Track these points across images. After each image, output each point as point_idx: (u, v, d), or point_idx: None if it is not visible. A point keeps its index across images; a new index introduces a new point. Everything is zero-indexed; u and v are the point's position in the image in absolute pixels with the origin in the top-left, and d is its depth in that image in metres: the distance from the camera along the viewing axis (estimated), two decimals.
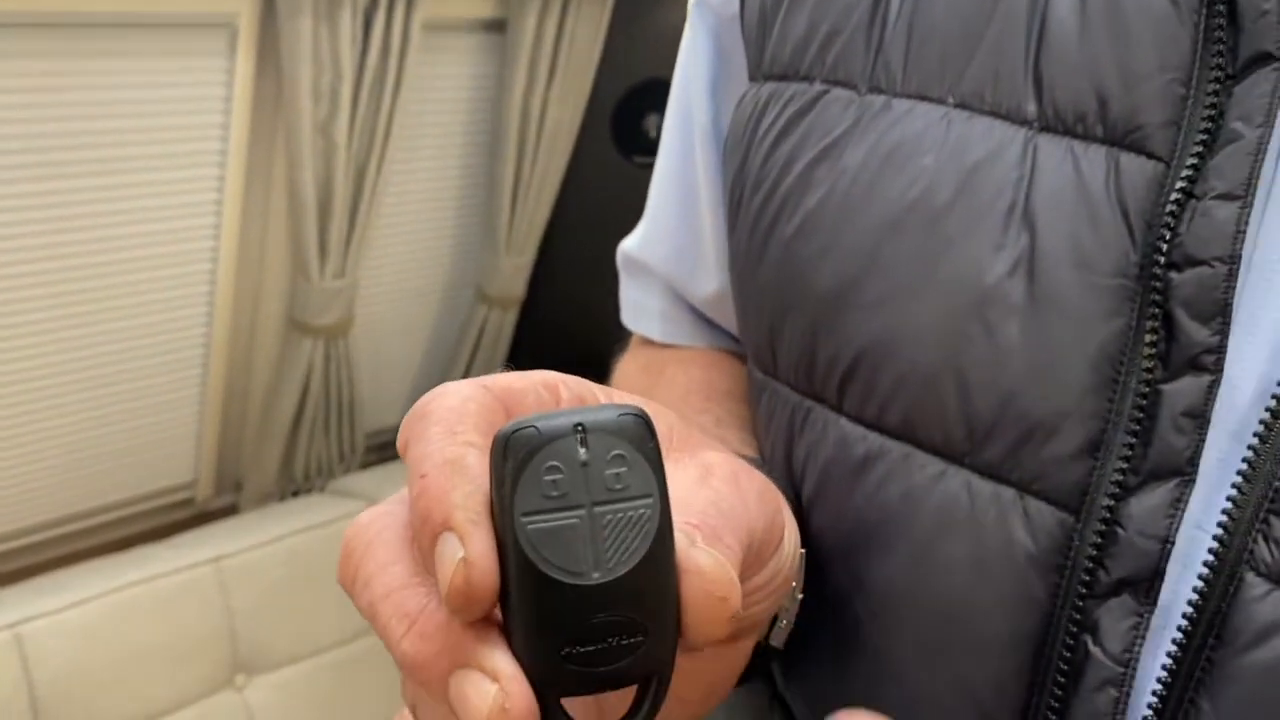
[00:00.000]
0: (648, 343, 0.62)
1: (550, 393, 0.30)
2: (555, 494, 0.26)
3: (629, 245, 0.61)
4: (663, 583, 0.26)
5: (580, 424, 0.26)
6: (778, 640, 0.41)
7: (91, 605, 1.72)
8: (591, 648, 0.26)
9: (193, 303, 1.94)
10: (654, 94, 2.33)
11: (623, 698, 0.28)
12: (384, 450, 2.49)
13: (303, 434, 2.15)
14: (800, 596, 0.41)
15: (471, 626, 0.26)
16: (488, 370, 2.62)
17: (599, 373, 0.46)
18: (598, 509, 0.26)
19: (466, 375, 2.45)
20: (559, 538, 0.25)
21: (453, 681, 0.26)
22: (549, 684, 0.26)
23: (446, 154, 2.27)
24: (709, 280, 0.55)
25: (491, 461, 0.26)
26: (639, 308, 0.61)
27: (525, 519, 0.25)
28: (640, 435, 0.26)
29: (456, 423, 0.27)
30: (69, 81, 1.64)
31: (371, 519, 0.28)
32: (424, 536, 0.26)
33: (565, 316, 2.53)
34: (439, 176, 2.28)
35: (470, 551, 0.25)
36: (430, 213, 2.30)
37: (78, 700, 1.68)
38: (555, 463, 0.26)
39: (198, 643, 1.82)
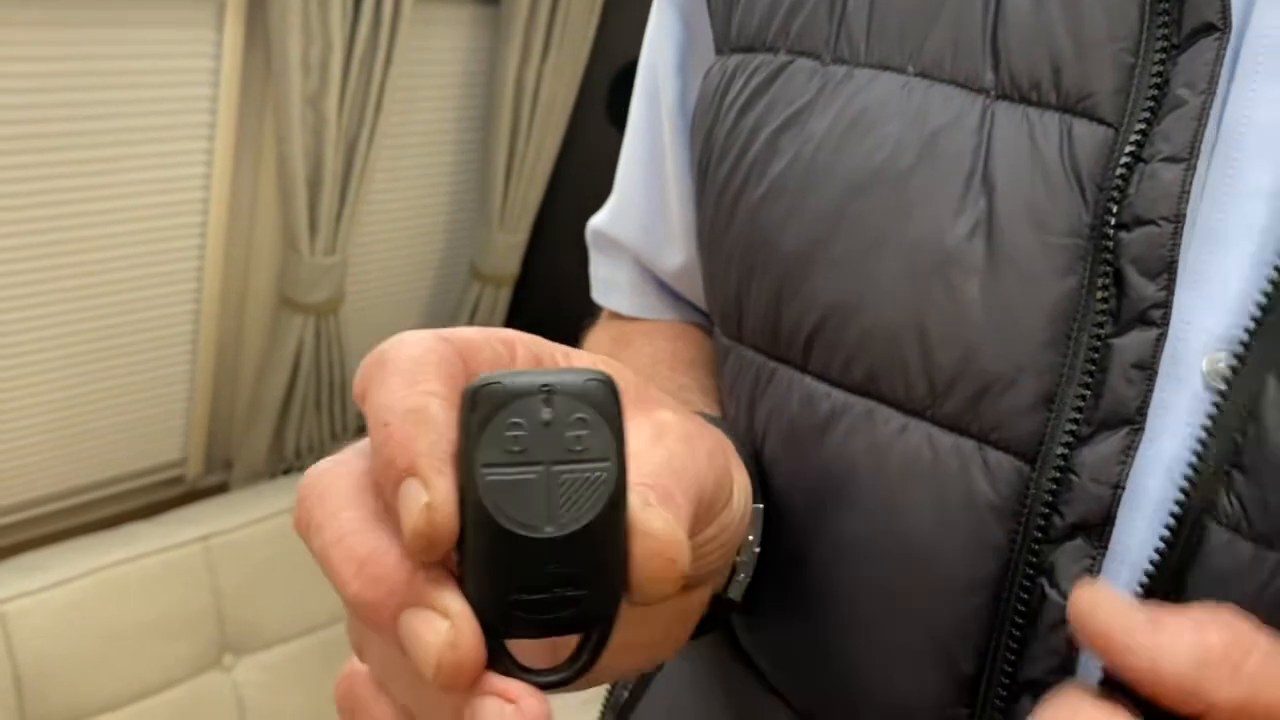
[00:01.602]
0: (616, 316, 0.63)
1: (507, 348, 0.31)
2: (516, 449, 0.27)
3: (598, 221, 0.63)
4: (612, 542, 0.28)
5: (547, 385, 0.27)
6: (736, 593, 0.42)
7: (78, 584, 1.71)
8: (539, 596, 0.27)
9: (182, 279, 1.92)
10: None
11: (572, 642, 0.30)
12: None
13: (293, 412, 2.14)
14: (757, 550, 0.42)
15: (423, 569, 0.27)
16: None
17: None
18: (556, 468, 0.27)
19: None
20: (516, 491, 0.27)
21: (403, 619, 0.27)
22: (496, 627, 0.27)
23: (439, 128, 2.25)
24: (676, 254, 0.56)
25: (459, 411, 0.28)
26: (608, 283, 0.63)
27: (485, 470, 0.27)
28: (604, 400, 0.28)
29: (418, 373, 0.28)
30: (54, 52, 1.62)
31: (325, 468, 0.30)
32: (387, 482, 0.27)
33: (560, 294, 2.51)
34: (431, 151, 2.26)
35: (434, 497, 0.26)
36: (422, 188, 2.28)
37: (63, 679, 1.67)
38: (519, 420, 0.27)
39: (185, 622, 1.81)
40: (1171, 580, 0.34)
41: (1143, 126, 0.35)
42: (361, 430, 2.39)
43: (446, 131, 2.26)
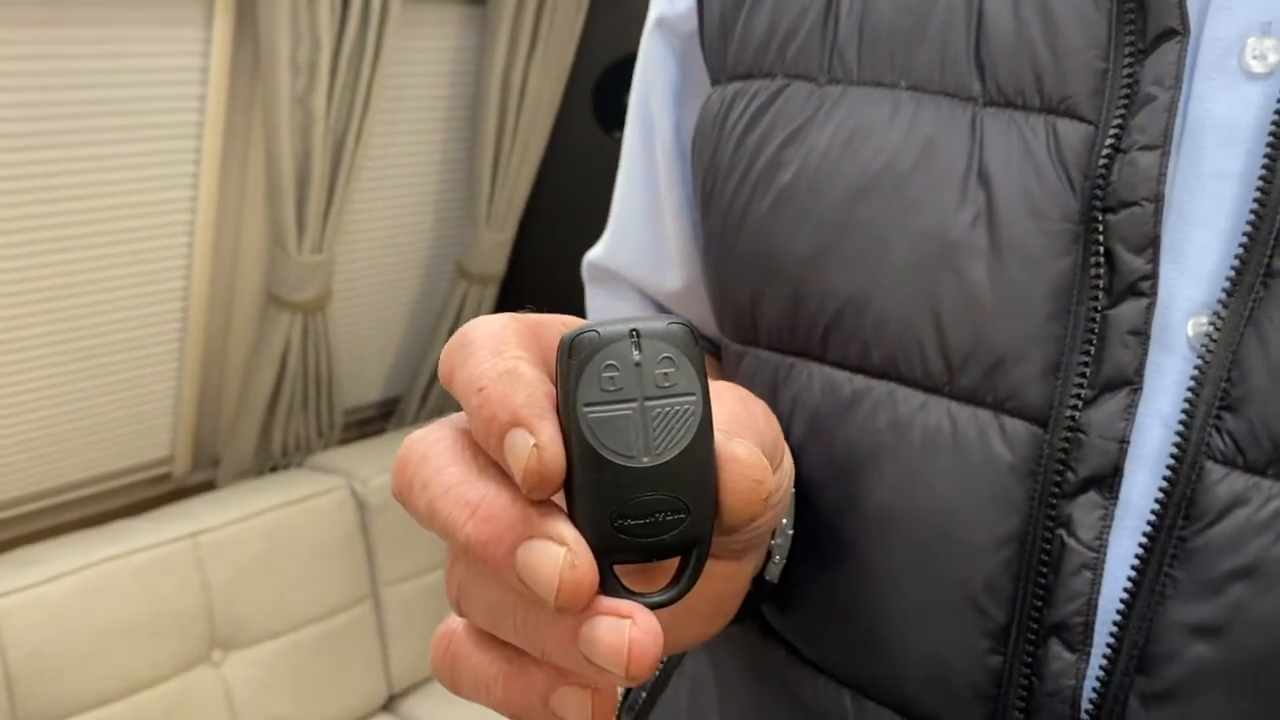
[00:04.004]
0: None
1: (567, 328, 0.33)
2: (612, 389, 0.30)
3: (595, 255, 0.65)
4: (704, 468, 0.31)
5: (635, 329, 0.30)
6: (772, 574, 0.45)
7: (67, 580, 1.71)
8: (641, 521, 0.30)
9: (169, 277, 1.92)
10: (635, 70, 2.31)
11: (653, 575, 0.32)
12: (362, 426, 2.48)
13: (280, 409, 2.14)
14: (790, 532, 0.45)
15: (535, 505, 0.30)
16: None
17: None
18: (648, 403, 0.30)
19: None
20: (615, 426, 0.30)
21: (521, 551, 0.29)
22: (604, 551, 0.30)
23: (426, 127, 2.26)
24: (674, 278, 0.59)
25: (557, 360, 0.30)
26: (608, 313, 0.65)
27: (586, 409, 0.30)
28: (686, 341, 0.31)
29: (500, 344, 0.31)
30: (41, 50, 1.62)
31: (422, 435, 0.32)
32: (491, 436, 0.30)
33: (546, 293, 2.51)
34: (418, 150, 2.27)
35: (540, 438, 0.29)
36: (410, 187, 2.29)
37: (53, 676, 1.68)
38: (613, 361, 0.30)
39: (174, 618, 1.81)
40: (1174, 518, 0.38)
41: (1119, 121, 0.40)
42: (349, 427, 2.40)
43: (433, 130, 2.27)
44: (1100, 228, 0.40)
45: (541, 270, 2.52)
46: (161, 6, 1.71)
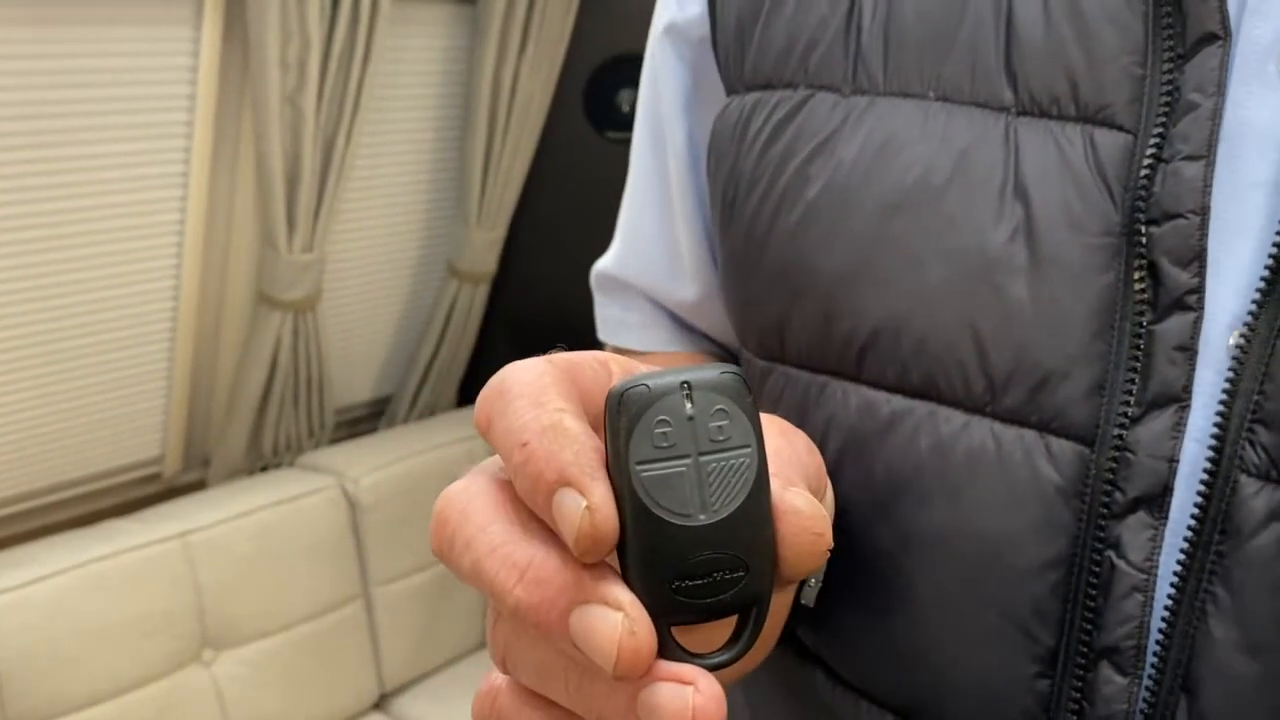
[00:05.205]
0: (622, 351, 0.64)
1: (603, 367, 0.33)
2: (665, 445, 0.29)
3: (605, 265, 0.64)
4: (761, 522, 0.30)
5: (686, 381, 0.29)
6: (808, 599, 0.44)
7: (57, 580, 1.71)
8: (699, 581, 0.29)
9: (159, 276, 1.92)
10: (626, 69, 2.32)
11: (712, 634, 0.31)
12: (353, 425, 2.48)
13: (271, 409, 2.14)
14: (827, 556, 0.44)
15: (587, 568, 0.29)
16: (459, 347, 2.62)
17: (571, 348, 0.47)
18: (703, 458, 0.29)
19: (437, 352, 2.45)
20: (669, 484, 0.29)
21: (575, 617, 0.28)
22: (662, 614, 0.29)
23: (417, 126, 2.26)
24: (689, 288, 0.58)
25: (606, 416, 0.29)
26: (619, 323, 0.64)
27: (639, 467, 0.28)
28: (739, 391, 0.30)
29: (540, 394, 0.29)
30: (30, 50, 1.62)
31: (460, 489, 0.31)
32: (538, 495, 0.28)
33: (537, 292, 2.52)
34: (409, 149, 2.27)
35: (592, 500, 0.28)
36: (400, 186, 2.29)
37: (43, 676, 1.67)
38: (665, 417, 0.29)
39: (165, 618, 1.81)
40: (1211, 534, 0.38)
41: (1160, 130, 0.38)
42: (339, 426, 2.40)
43: (424, 129, 2.27)
44: (1143, 240, 0.38)
45: (532, 269, 2.52)
46: (150, 5, 1.71)
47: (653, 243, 0.60)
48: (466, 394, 2.55)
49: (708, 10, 0.51)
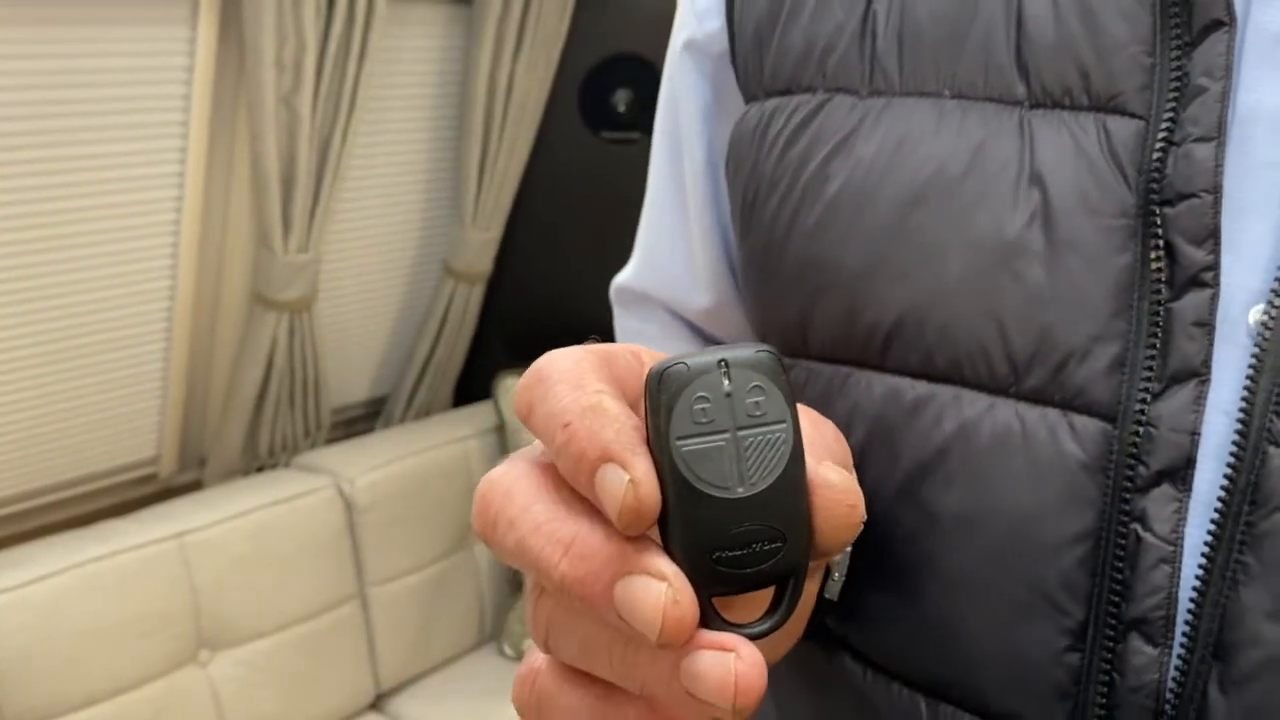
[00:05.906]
0: None
1: (636, 358, 0.34)
2: (704, 420, 0.30)
3: (624, 278, 0.66)
4: (797, 495, 0.31)
5: (724, 360, 0.30)
6: (832, 593, 0.45)
7: (54, 581, 1.71)
8: (739, 552, 0.30)
9: (155, 277, 1.92)
10: (622, 69, 2.32)
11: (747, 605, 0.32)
12: (349, 425, 2.48)
13: (267, 409, 2.14)
14: (849, 549, 0.46)
15: (630, 541, 0.30)
16: (454, 347, 2.61)
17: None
18: (741, 433, 0.30)
19: (432, 352, 2.45)
20: (709, 457, 0.30)
21: (620, 587, 0.29)
22: (703, 585, 0.30)
23: (412, 127, 2.26)
24: (704, 296, 0.60)
25: (646, 394, 0.30)
26: (637, 334, 0.65)
27: (680, 442, 0.30)
28: (774, 369, 0.31)
29: (580, 378, 0.31)
30: (25, 50, 1.62)
31: (502, 473, 0.32)
32: (580, 473, 0.30)
33: (533, 291, 2.52)
34: (405, 149, 2.27)
35: (635, 474, 0.29)
36: (396, 186, 2.29)
37: (40, 676, 1.67)
38: (704, 393, 0.30)
39: (161, 618, 1.81)
40: (1240, 505, 0.39)
41: (1170, 115, 0.40)
42: (336, 426, 2.40)
43: (420, 129, 2.27)
44: (1158, 221, 0.40)
45: (528, 269, 2.52)
46: (146, 5, 1.71)
47: (671, 254, 0.61)
48: (462, 394, 2.55)
49: (726, 24, 0.53)
